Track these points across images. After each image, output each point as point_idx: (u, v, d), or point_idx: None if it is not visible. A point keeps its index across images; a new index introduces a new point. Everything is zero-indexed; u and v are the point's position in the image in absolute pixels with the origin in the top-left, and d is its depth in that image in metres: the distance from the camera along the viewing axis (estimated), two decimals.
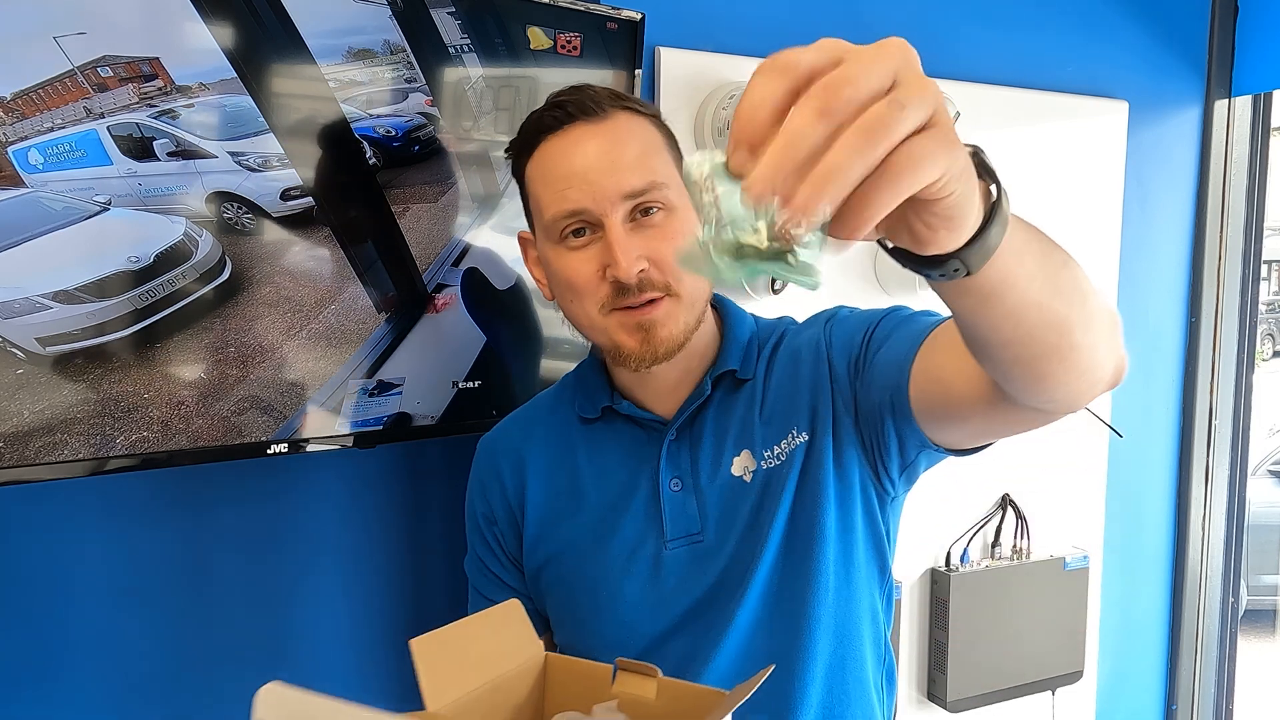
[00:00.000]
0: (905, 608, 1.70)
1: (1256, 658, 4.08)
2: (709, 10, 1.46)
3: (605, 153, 0.87)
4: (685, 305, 0.90)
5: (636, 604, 0.94)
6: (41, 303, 0.93)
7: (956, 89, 1.58)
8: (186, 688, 1.21)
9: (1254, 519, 2.28)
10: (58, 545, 1.12)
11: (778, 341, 1.00)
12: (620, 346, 0.90)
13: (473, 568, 1.07)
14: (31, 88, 0.90)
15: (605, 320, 0.89)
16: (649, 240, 0.87)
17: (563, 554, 0.97)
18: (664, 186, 0.88)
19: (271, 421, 1.08)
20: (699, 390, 0.96)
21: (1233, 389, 2.04)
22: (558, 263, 0.90)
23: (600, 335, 0.91)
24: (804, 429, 0.93)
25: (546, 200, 0.89)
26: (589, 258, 0.88)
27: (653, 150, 0.90)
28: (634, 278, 0.86)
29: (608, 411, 0.98)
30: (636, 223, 0.88)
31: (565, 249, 0.89)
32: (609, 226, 0.86)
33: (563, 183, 0.87)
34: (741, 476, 0.94)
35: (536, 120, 0.91)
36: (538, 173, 0.91)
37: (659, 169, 0.89)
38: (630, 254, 0.85)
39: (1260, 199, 2.02)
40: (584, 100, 0.89)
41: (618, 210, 0.86)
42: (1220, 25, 1.95)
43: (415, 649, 0.69)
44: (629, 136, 0.89)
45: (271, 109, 1.03)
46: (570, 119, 0.89)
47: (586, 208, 0.86)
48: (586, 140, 0.88)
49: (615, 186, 0.86)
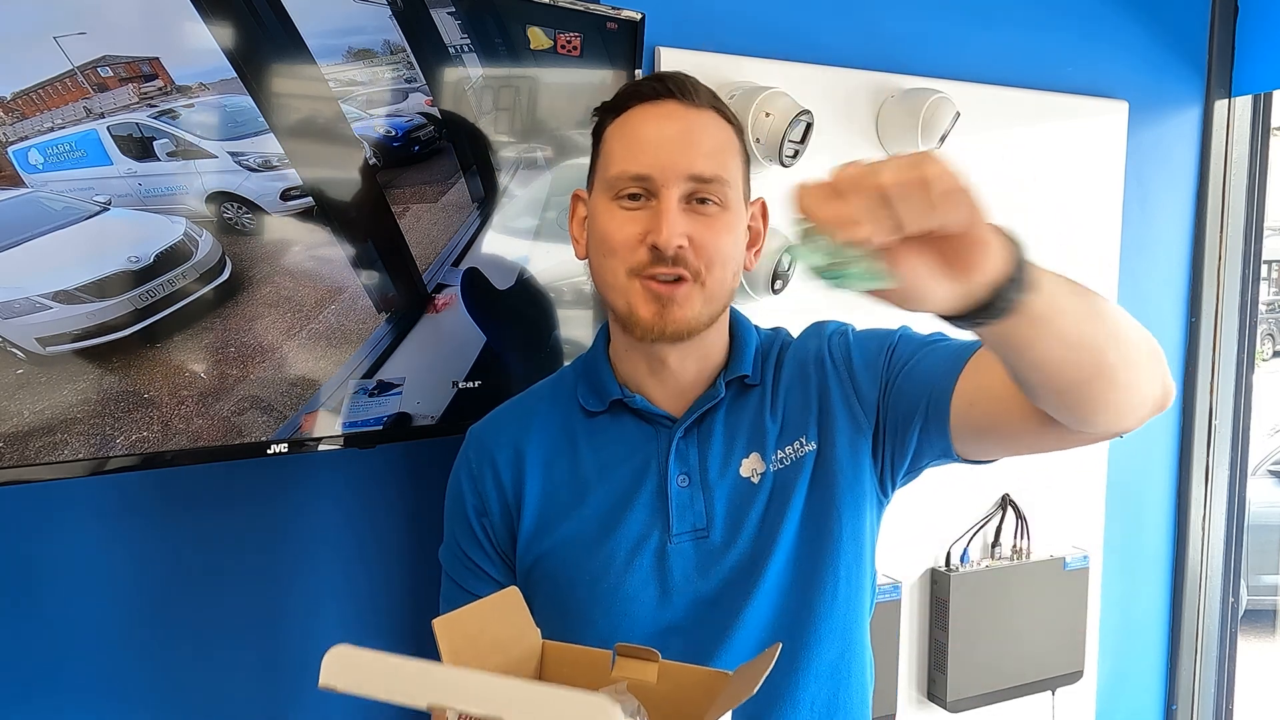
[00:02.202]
0: (905, 608, 1.70)
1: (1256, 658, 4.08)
2: (709, 10, 1.46)
3: (686, 133, 0.92)
4: (706, 296, 0.92)
5: (639, 598, 0.94)
6: (41, 303, 0.93)
7: (956, 89, 1.58)
8: (186, 687, 1.21)
9: (1254, 519, 2.28)
10: (58, 545, 1.12)
11: (781, 349, 1.03)
12: (635, 313, 0.92)
13: (451, 558, 1.05)
14: (31, 88, 0.90)
15: (629, 283, 0.92)
16: (695, 224, 0.91)
17: (563, 546, 0.97)
18: (727, 184, 0.92)
19: (272, 421, 1.08)
20: (713, 391, 0.97)
21: (1233, 389, 2.04)
22: (604, 216, 0.93)
23: (619, 297, 0.93)
24: (812, 439, 0.96)
25: (618, 155, 0.93)
26: (635, 219, 0.91)
27: (729, 152, 0.94)
28: (672, 249, 0.89)
29: (615, 405, 0.99)
30: (690, 206, 0.91)
31: (617, 206, 0.92)
32: (663, 198, 0.90)
33: (638, 145, 0.92)
34: (750, 478, 0.95)
35: (634, 87, 0.96)
36: (618, 131, 0.95)
37: (729, 167, 0.93)
38: (675, 228, 0.89)
39: (1260, 199, 2.02)
40: (684, 83, 0.94)
41: (678, 187, 0.90)
42: (1220, 25, 1.95)
43: (438, 629, 0.71)
44: (714, 130, 0.94)
45: (271, 109, 1.03)
46: (668, 94, 0.93)
47: (651, 175, 0.90)
48: (674, 116, 0.93)
49: (685, 165, 0.90)
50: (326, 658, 0.58)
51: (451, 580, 1.05)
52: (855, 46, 1.58)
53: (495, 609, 0.77)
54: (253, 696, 1.25)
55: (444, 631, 0.71)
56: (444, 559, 1.07)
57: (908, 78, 1.60)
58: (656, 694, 0.75)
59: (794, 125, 1.37)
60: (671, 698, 0.75)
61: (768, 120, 1.38)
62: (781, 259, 1.43)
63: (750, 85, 1.42)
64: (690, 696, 0.74)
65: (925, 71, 1.63)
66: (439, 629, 0.71)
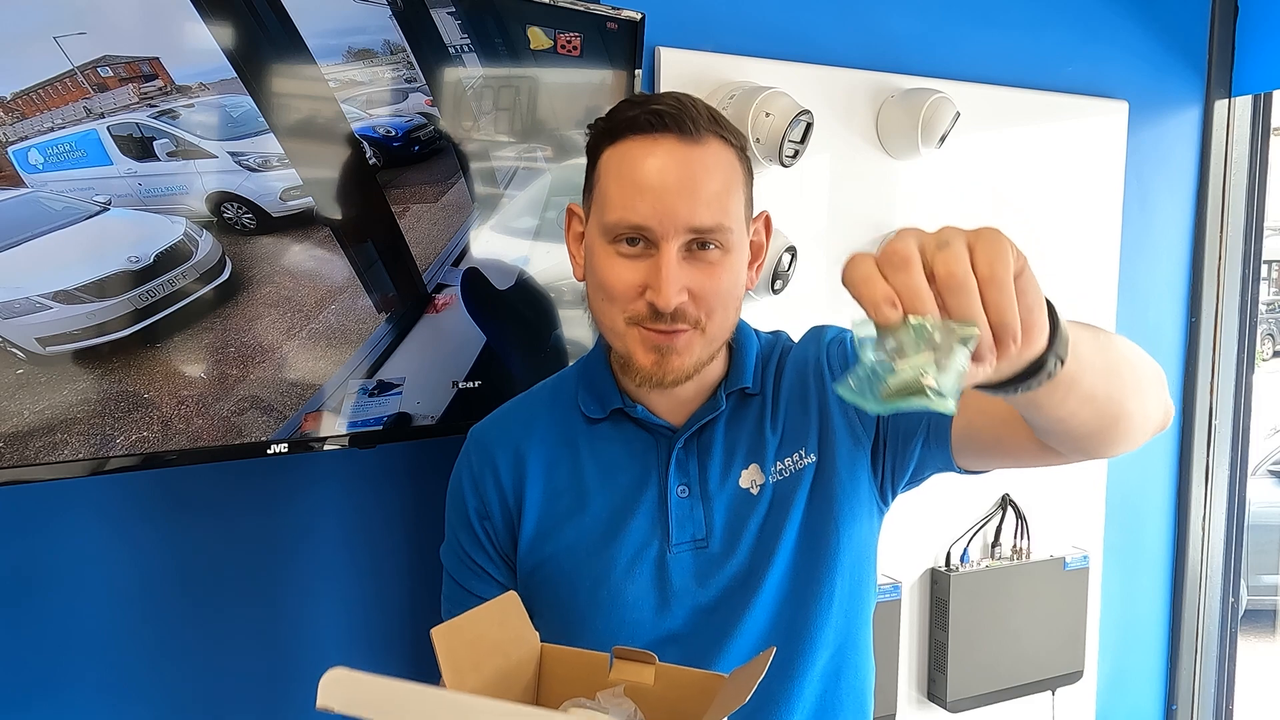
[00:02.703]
0: (905, 608, 1.70)
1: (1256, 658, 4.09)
2: (709, 10, 1.46)
3: (686, 179, 0.86)
4: (706, 340, 0.91)
5: (638, 605, 0.94)
6: (41, 303, 0.93)
7: (956, 89, 1.58)
8: (186, 687, 1.21)
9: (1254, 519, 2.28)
10: (58, 545, 1.12)
11: (781, 356, 1.02)
12: (633, 360, 0.91)
13: (452, 558, 1.05)
14: (31, 88, 0.90)
15: (627, 330, 0.91)
16: (696, 274, 0.88)
17: (564, 553, 0.97)
18: (729, 231, 0.88)
19: (271, 421, 1.08)
20: (713, 403, 0.97)
21: (1233, 389, 2.04)
22: (603, 262, 0.91)
23: (617, 340, 0.93)
24: (812, 450, 0.96)
25: (614, 201, 0.89)
26: (634, 269, 0.88)
27: (732, 188, 0.90)
28: (671, 309, 0.87)
29: (616, 413, 0.99)
30: (691, 254, 0.88)
31: (615, 252, 0.89)
32: (663, 252, 0.86)
33: (635, 192, 0.87)
34: (749, 489, 0.96)
35: (631, 117, 0.89)
36: (614, 167, 0.90)
37: (731, 210, 0.89)
38: (674, 285, 0.86)
39: (1260, 199, 2.02)
40: (682, 116, 0.87)
41: (678, 239, 0.87)
42: (1220, 25, 1.95)
43: (436, 637, 0.71)
44: (714, 168, 0.88)
45: (271, 109, 1.03)
46: (665, 129, 0.87)
47: (650, 227, 0.86)
48: (673, 158, 0.87)
49: (685, 217, 0.86)
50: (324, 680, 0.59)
51: (453, 580, 1.05)
52: (855, 46, 1.58)
53: (493, 614, 0.77)
54: (252, 695, 1.25)
55: (442, 639, 0.71)
56: (445, 558, 1.06)
57: (908, 78, 1.60)
58: (653, 696, 0.75)
59: (794, 125, 1.37)
60: (668, 700, 0.75)
61: (768, 120, 1.38)
62: (782, 258, 1.43)
63: (750, 85, 1.42)
64: (687, 698, 0.74)
65: (925, 71, 1.63)
66: (437, 637, 0.70)
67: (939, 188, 1.66)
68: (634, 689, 0.75)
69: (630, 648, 0.77)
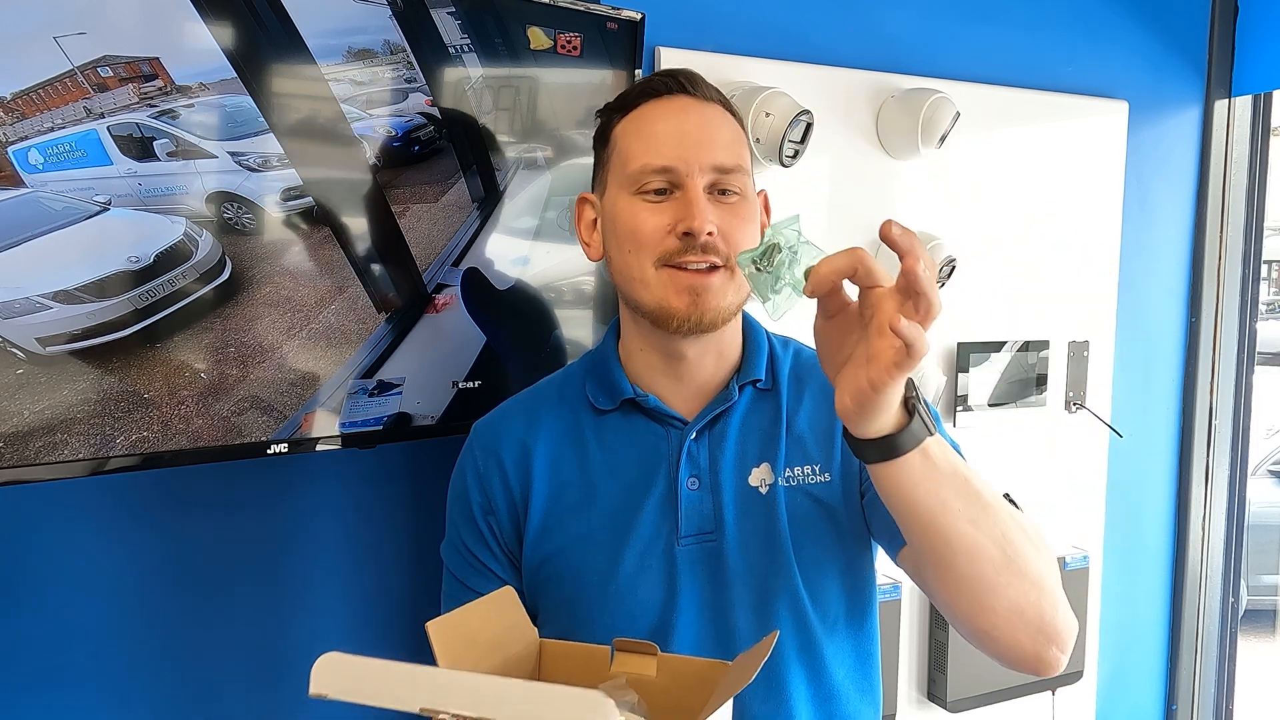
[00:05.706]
0: (905, 608, 1.70)
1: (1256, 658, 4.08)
2: (709, 10, 1.46)
3: (703, 126, 0.94)
4: (734, 285, 0.93)
5: (646, 599, 0.94)
6: (41, 303, 0.93)
7: (956, 89, 1.58)
8: (186, 687, 1.21)
9: (1254, 519, 2.28)
10: (58, 545, 1.12)
11: (796, 359, 1.03)
12: (668, 304, 0.92)
13: (454, 555, 1.04)
14: (31, 88, 0.90)
15: (658, 275, 0.92)
16: (721, 214, 0.92)
17: (571, 546, 0.96)
18: (745, 174, 0.95)
19: (271, 421, 1.08)
20: (726, 393, 0.98)
21: (1233, 389, 2.04)
22: (628, 211, 0.93)
23: (647, 292, 0.93)
24: (827, 470, 0.97)
25: (636, 151, 0.93)
26: (662, 211, 0.92)
27: (741, 144, 0.97)
28: (704, 232, 0.90)
29: (626, 404, 0.98)
30: (713, 198, 0.93)
31: (641, 201, 0.93)
32: (690, 187, 0.91)
33: (658, 139, 0.93)
34: (758, 488, 0.96)
35: (644, 85, 0.98)
36: (632, 128, 0.95)
37: (744, 158, 0.96)
38: (706, 214, 0.90)
39: (1260, 199, 2.02)
40: (694, 78, 0.97)
41: (703, 177, 0.92)
42: (1220, 25, 1.95)
43: (432, 631, 0.71)
44: (726, 123, 0.96)
45: (271, 109, 1.03)
46: (679, 89, 0.95)
47: (676, 167, 0.91)
48: (689, 110, 0.95)
49: (707, 156, 0.92)
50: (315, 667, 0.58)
51: (454, 577, 1.03)
52: (855, 46, 1.58)
53: (489, 608, 0.77)
54: (252, 694, 1.25)
55: (438, 633, 0.70)
56: (446, 556, 1.05)
57: (908, 78, 1.60)
58: (656, 686, 0.75)
59: (794, 125, 1.37)
60: (671, 690, 0.75)
61: (768, 120, 1.38)
62: None
63: (750, 85, 1.42)
64: (689, 687, 0.74)
65: (925, 71, 1.63)
66: (433, 631, 0.70)
67: (939, 188, 1.66)
68: (637, 680, 0.75)
69: (631, 639, 0.77)
